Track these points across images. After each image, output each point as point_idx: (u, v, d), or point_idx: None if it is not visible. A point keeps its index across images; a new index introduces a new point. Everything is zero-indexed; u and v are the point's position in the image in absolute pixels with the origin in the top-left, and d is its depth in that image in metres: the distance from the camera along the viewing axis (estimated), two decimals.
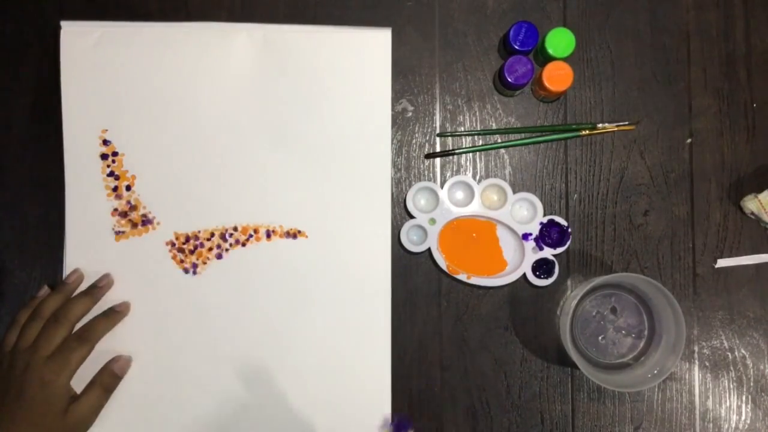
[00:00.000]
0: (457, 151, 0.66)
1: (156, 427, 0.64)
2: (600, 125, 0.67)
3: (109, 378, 0.62)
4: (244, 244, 0.65)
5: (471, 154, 0.67)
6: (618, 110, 0.67)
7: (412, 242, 0.65)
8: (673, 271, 0.67)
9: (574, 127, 0.67)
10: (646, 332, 0.65)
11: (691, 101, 0.67)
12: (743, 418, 0.66)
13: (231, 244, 0.65)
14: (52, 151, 0.65)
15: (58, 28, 0.64)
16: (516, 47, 0.64)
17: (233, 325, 0.64)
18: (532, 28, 0.64)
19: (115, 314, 0.63)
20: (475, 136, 0.67)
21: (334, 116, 0.65)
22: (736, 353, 0.67)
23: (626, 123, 0.67)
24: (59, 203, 0.64)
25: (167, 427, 0.64)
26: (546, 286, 0.66)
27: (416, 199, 0.66)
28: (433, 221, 0.65)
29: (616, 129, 0.67)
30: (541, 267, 0.65)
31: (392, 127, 0.66)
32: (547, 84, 0.63)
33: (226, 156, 0.65)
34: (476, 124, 0.67)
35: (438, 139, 0.67)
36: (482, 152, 0.67)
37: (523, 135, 0.67)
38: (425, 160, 0.66)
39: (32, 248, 0.65)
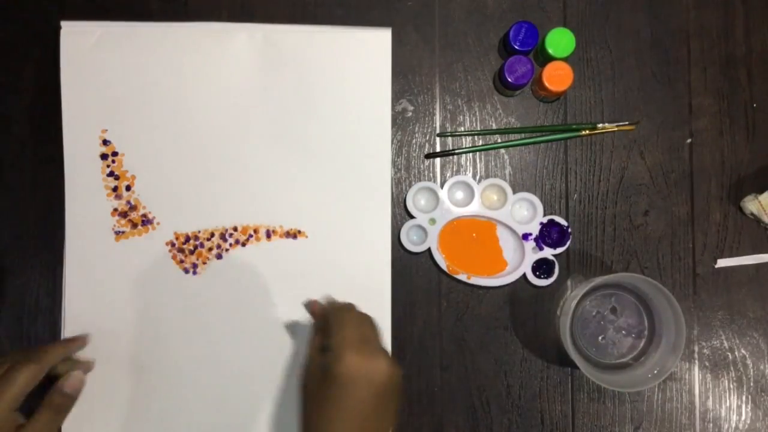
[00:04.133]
0: (457, 151, 0.66)
1: (155, 428, 0.64)
2: (600, 125, 0.67)
3: (60, 398, 0.56)
4: (244, 244, 0.65)
5: (471, 154, 0.67)
6: (618, 110, 0.67)
7: (412, 242, 0.65)
8: (673, 271, 0.67)
9: (574, 127, 0.67)
10: (646, 332, 0.65)
11: (691, 101, 0.67)
12: (743, 418, 0.66)
13: (231, 244, 0.65)
14: (52, 151, 0.65)
15: (58, 28, 0.64)
16: (516, 47, 0.64)
17: (233, 325, 0.64)
18: (532, 28, 0.64)
19: (71, 342, 0.61)
20: (475, 136, 0.67)
21: (334, 116, 0.65)
22: (736, 353, 0.67)
23: (626, 123, 0.67)
24: (59, 203, 0.64)
25: (166, 427, 0.64)
26: (546, 286, 0.66)
27: (416, 199, 0.66)
28: (433, 221, 0.65)
29: (616, 129, 0.67)
30: (541, 267, 0.65)
31: (392, 127, 0.66)
32: (547, 84, 0.63)
33: (226, 156, 0.65)
34: (476, 124, 0.67)
35: (438, 139, 0.67)
36: (482, 152, 0.67)
37: (523, 135, 0.67)
38: (425, 160, 0.66)
39: (32, 248, 0.65)
